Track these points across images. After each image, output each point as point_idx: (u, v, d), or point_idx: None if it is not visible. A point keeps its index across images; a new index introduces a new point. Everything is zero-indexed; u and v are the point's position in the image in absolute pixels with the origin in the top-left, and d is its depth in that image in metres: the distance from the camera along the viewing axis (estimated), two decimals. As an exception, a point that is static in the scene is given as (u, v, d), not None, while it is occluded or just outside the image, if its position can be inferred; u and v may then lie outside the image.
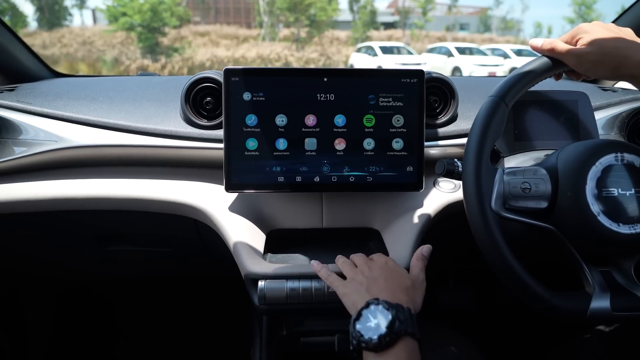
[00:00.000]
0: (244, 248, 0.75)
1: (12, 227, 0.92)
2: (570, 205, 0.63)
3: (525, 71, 0.68)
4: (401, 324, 0.51)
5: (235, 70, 0.77)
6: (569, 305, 0.62)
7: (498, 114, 0.66)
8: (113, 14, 17.98)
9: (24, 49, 1.11)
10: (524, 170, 0.66)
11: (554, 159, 0.68)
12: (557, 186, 0.65)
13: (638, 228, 0.61)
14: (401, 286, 0.60)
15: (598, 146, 0.65)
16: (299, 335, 0.91)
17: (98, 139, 0.84)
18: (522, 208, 0.65)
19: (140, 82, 1.02)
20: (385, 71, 0.79)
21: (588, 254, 0.65)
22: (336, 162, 0.80)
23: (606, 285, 0.64)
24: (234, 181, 0.79)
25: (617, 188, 0.63)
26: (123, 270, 1.12)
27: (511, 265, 0.62)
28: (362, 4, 23.46)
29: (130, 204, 0.84)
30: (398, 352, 0.50)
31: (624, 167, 0.64)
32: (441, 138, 0.88)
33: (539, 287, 0.63)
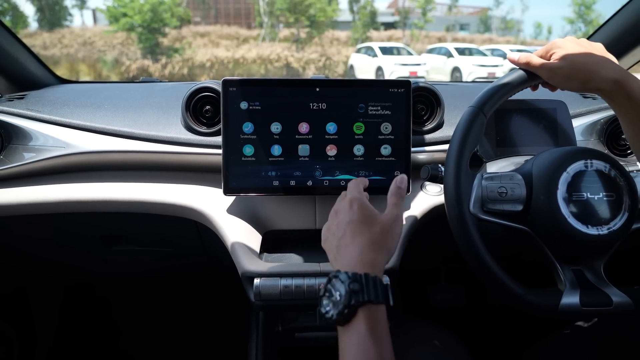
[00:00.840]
0: (241, 248, 0.80)
1: (22, 228, 0.97)
2: (543, 208, 0.68)
3: (502, 83, 0.73)
4: (356, 295, 0.50)
5: (232, 80, 0.82)
6: (541, 300, 0.67)
7: (476, 124, 0.71)
8: (113, 14, 18.03)
9: (30, 56, 1.15)
10: (501, 176, 0.71)
11: (529, 166, 0.72)
12: (532, 191, 0.70)
13: (605, 230, 0.66)
14: (368, 240, 0.58)
15: (569, 154, 0.70)
16: (293, 330, 0.96)
17: (104, 145, 0.89)
18: (499, 211, 0.70)
19: (142, 89, 1.07)
20: (373, 81, 0.84)
21: (561, 253, 0.70)
22: (328, 167, 0.85)
23: (577, 283, 0.69)
24: (231, 185, 0.84)
25: (586, 192, 0.68)
26: (126, 269, 1.17)
27: (488, 264, 0.67)
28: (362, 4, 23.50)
29: (134, 206, 0.89)
30: (357, 325, 0.49)
31: (593, 173, 0.69)
32: (428, 144, 0.92)
33: (513, 284, 0.68)
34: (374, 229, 0.59)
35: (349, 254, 0.56)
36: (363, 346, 0.48)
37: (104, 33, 19.19)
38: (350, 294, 0.50)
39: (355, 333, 0.49)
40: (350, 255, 0.56)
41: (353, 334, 0.49)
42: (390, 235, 0.60)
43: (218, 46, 19.39)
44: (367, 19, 22.56)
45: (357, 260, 0.55)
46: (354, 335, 0.49)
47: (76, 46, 19.28)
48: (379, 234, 0.59)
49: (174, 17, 18.57)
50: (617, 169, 0.69)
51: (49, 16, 21.25)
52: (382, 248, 0.58)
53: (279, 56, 17.21)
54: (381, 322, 0.51)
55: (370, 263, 0.55)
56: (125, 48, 18.55)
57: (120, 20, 17.77)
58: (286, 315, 0.96)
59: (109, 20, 18.64)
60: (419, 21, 23.73)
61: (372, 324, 0.50)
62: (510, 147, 0.89)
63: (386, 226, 0.60)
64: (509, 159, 0.86)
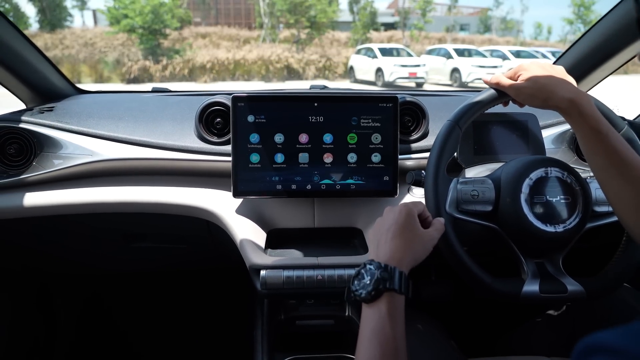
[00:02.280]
0: (248, 244, 0.91)
1: (51, 228, 1.08)
2: (509, 208, 0.79)
3: (475, 101, 0.84)
4: (384, 282, 0.61)
5: (241, 97, 0.93)
6: (506, 288, 0.78)
7: (452, 136, 0.82)
8: (114, 15, 18.14)
9: (52, 67, 1.26)
10: (474, 181, 0.82)
11: (499, 172, 0.84)
12: (500, 194, 0.81)
13: (561, 228, 0.78)
14: (402, 243, 0.67)
15: (532, 162, 0.81)
16: (294, 319, 1.07)
17: (126, 153, 1.01)
18: (472, 211, 0.81)
19: (157, 101, 1.18)
20: (365, 97, 0.96)
21: (524, 248, 0.81)
22: (325, 172, 0.96)
23: (538, 273, 0.80)
24: (240, 189, 0.95)
25: (546, 196, 0.79)
26: (143, 264, 1.28)
27: (461, 256, 0.79)
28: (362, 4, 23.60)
29: (153, 207, 1.01)
30: (380, 305, 0.60)
31: (553, 179, 0.80)
32: (414, 151, 1.04)
33: (482, 274, 0.79)
34: (410, 236, 0.68)
35: (385, 249, 0.67)
36: (381, 324, 0.59)
37: (105, 34, 19.28)
38: (380, 280, 0.61)
39: (377, 311, 0.60)
40: (385, 251, 0.67)
41: (375, 311, 0.61)
42: (423, 247, 0.69)
43: (219, 47, 19.48)
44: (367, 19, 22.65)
45: (389, 256, 0.65)
46: (375, 313, 0.60)
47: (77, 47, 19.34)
48: (412, 242, 0.68)
49: (175, 18, 18.69)
50: (574, 175, 0.80)
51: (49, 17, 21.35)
52: (411, 253, 0.67)
53: (279, 57, 17.29)
54: (399, 309, 0.61)
55: (398, 261, 0.65)
56: (126, 49, 18.64)
57: (121, 22, 17.88)
58: (288, 305, 1.07)
59: (110, 22, 18.75)
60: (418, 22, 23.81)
61: (392, 308, 0.60)
62: (486, 155, 1.00)
63: (422, 239, 0.69)
64: (485, 165, 0.97)
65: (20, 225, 1.03)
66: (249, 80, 16.79)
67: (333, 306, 1.07)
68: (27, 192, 0.99)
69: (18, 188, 1.00)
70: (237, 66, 17.00)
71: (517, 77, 0.82)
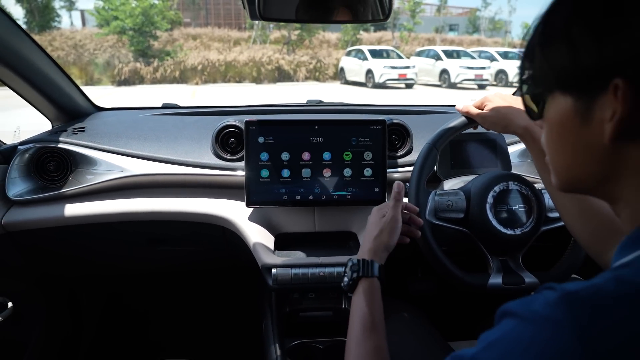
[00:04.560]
0: (259, 246, 1.08)
1: (86, 234, 1.23)
2: (477, 216, 0.96)
3: (449, 127, 1.01)
4: (357, 272, 0.78)
5: (253, 121, 1.09)
6: (475, 280, 0.96)
7: (431, 156, 1.00)
8: (104, 17, 18.13)
9: (75, 87, 1.39)
10: (449, 193, 1.00)
11: (469, 185, 1.01)
12: (470, 203, 0.98)
13: (518, 231, 0.95)
14: (371, 239, 0.83)
15: (496, 177, 0.98)
16: (299, 311, 1.23)
17: (151, 169, 1.16)
18: (447, 217, 0.98)
19: (175, 121, 1.34)
20: (358, 121, 1.12)
21: (490, 248, 0.99)
22: (324, 185, 1.13)
23: (501, 268, 0.97)
24: (252, 199, 1.11)
25: (506, 205, 0.96)
26: (164, 264, 1.43)
27: (438, 255, 0.96)
28: (352, 6, 23.73)
29: (175, 216, 1.16)
30: (359, 290, 0.77)
31: (513, 191, 0.97)
32: (401, 165, 1.21)
33: (455, 269, 0.96)
34: (377, 230, 0.84)
35: (362, 248, 0.85)
36: (359, 304, 0.76)
37: (95, 36, 19.20)
38: (355, 272, 0.79)
39: (357, 296, 0.78)
40: (362, 248, 0.85)
41: (356, 297, 0.78)
42: (389, 234, 0.84)
43: (209, 49, 19.51)
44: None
45: (365, 251, 0.83)
46: (356, 298, 0.78)
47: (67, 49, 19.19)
48: (380, 234, 0.83)
49: (165, 19, 18.73)
50: (530, 188, 0.98)
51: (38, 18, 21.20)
52: (382, 244, 0.83)
53: (270, 59, 17.40)
54: (374, 291, 0.77)
55: (372, 252, 0.82)
56: (117, 51, 18.58)
57: (111, 23, 17.87)
58: (292, 299, 1.23)
59: (100, 23, 18.72)
60: (408, 23, 24.04)
61: (367, 291, 0.77)
62: (462, 169, 1.17)
63: (385, 227, 0.84)
64: (461, 177, 1.15)
65: (58, 234, 1.18)
66: (241, 82, 16.87)
67: (331, 299, 1.23)
68: (66, 204, 1.15)
69: (58, 200, 1.15)
70: (229, 68, 17.08)
71: (483, 106, 0.99)
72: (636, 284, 0.39)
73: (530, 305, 0.42)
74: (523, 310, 0.42)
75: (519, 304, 0.43)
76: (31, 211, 1.14)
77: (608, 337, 0.37)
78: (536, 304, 0.41)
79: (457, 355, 0.46)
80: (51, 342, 1.45)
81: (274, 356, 1.04)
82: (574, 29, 0.43)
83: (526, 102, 0.56)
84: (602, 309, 0.38)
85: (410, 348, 0.99)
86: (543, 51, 0.47)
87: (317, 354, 1.08)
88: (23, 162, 1.18)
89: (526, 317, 0.41)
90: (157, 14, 18.14)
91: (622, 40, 0.40)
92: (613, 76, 0.41)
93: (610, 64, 0.41)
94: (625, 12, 0.40)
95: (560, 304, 0.39)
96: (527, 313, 0.41)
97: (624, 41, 0.40)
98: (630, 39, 0.40)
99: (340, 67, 16.54)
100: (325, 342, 1.09)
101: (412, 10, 23.84)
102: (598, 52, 0.42)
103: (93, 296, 1.64)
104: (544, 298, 0.41)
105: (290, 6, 0.95)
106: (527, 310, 0.41)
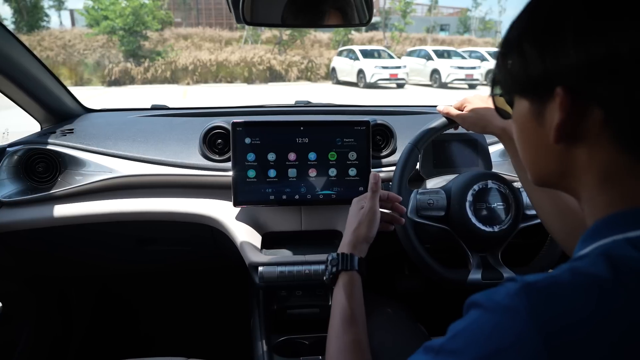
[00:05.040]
0: (247, 245, 1.10)
1: (75, 235, 1.24)
2: (457, 213, 0.99)
3: (430, 127, 1.04)
4: (336, 266, 0.79)
5: (239, 122, 1.11)
6: (455, 276, 0.99)
7: (412, 156, 1.03)
8: (94, 17, 17.99)
9: (63, 89, 1.40)
10: (430, 192, 1.03)
11: (450, 184, 1.04)
12: (450, 202, 1.01)
13: (496, 228, 0.98)
14: (351, 232, 0.83)
15: (475, 176, 1.02)
16: (286, 309, 1.25)
17: (140, 170, 1.18)
18: (428, 215, 1.01)
19: (164, 123, 1.36)
20: (342, 122, 1.15)
21: (470, 244, 1.02)
22: (310, 185, 1.15)
23: (481, 264, 1.01)
24: (239, 199, 1.13)
25: (485, 203, 1.00)
26: (154, 264, 1.45)
27: (420, 252, 0.99)
28: (343, 6, 23.75)
29: (164, 215, 1.18)
30: (339, 284, 0.78)
31: (492, 190, 1.01)
32: (385, 165, 1.23)
33: (436, 266, 0.99)
34: (356, 222, 0.84)
35: (342, 243, 0.86)
36: (339, 297, 0.78)
37: (85, 36, 19.04)
38: (334, 266, 0.81)
39: (337, 289, 0.80)
40: (342, 242, 0.86)
41: (336, 290, 0.80)
42: (368, 225, 0.83)
43: (200, 49, 19.45)
44: (349, 21, 22.79)
45: (345, 244, 0.84)
46: (336, 291, 0.80)
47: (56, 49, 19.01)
48: (359, 226, 0.84)
49: (156, 19, 18.63)
50: (508, 186, 1.01)
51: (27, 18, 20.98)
52: (361, 237, 0.83)
53: (261, 59, 17.38)
54: (354, 284, 0.79)
55: (352, 246, 0.83)
56: (107, 51, 18.46)
57: (101, 23, 17.74)
58: (280, 296, 1.25)
59: (90, 23, 18.57)
60: (398, 23, 24.14)
61: (347, 284, 0.79)
62: (444, 168, 1.21)
63: (364, 219, 0.83)
64: (443, 177, 1.18)
65: (48, 235, 1.20)
66: (232, 82, 16.84)
67: (318, 297, 1.25)
68: (55, 205, 1.16)
69: (47, 201, 1.16)
70: (220, 68, 17.03)
71: (463, 107, 1.02)
72: (589, 274, 0.42)
73: (493, 296, 0.45)
74: (486, 301, 0.45)
75: (484, 295, 0.46)
76: (21, 212, 1.16)
77: (562, 323, 0.39)
78: (498, 295, 0.44)
79: (428, 345, 0.48)
80: (41, 342, 1.46)
81: (260, 352, 1.06)
82: (524, 43, 0.48)
83: (496, 102, 0.60)
84: (557, 297, 0.41)
85: (393, 342, 1.02)
86: (503, 59, 0.52)
87: (302, 350, 1.10)
88: (12, 164, 1.19)
89: (489, 307, 0.44)
90: (147, 13, 18.04)
91: (561, 56, 0.44)
92: (555, 85, 0.45)
93: (552, 74, 0.46)
94: (566, 30, 0.44)
95: (519, 294, 0.42)
96: (490, 303, 0.44)
97: (563, 56, 0.44)
98: (567, 55, 0.44)
99: (331, 67, 16.57)
100: (310, 337, 1.12)
101: (403, 11, 23.93)
102: (542, 64, 0.46)
103: (83, 296, 1.65)
104: (506, 289, 0.44)
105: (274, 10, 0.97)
106: (490, 300, 0.44)
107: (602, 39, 0.42)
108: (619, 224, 0.46)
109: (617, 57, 0.42)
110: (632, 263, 0.41)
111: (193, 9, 29.82)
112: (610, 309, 0.39)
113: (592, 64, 0.43)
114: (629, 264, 0.41)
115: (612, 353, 0.38)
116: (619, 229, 0.46)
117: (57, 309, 1.56)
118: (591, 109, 0.44)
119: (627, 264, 0.41)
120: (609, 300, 0.40)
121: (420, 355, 0.48)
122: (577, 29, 0.44)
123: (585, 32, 0.43)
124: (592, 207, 0.50)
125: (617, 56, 0.42)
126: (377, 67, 14.14)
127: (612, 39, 0.42)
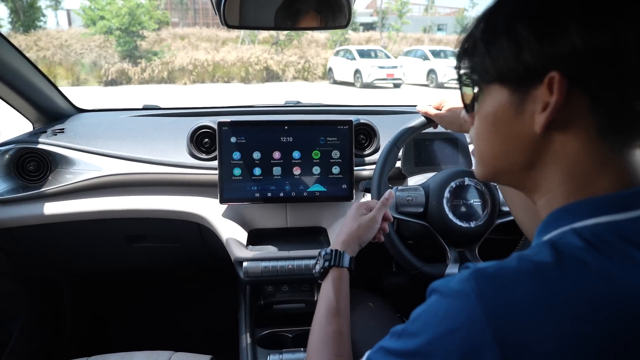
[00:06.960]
0: (232, 241, 1.13)
1: (64, 232, 1.27)
2: (435, 210, 1.03)
3: (409, 127, 1.07)
4: (328, 262, 0.81)
5: (225, 122, 1.14)
6: (433, 270, 1.02)
7: (392, 154, 1.06)
8: (91, 17, 17.98)
9: (55, 89, 1.43)
10: (409, 189, 1.06)
11: (429, 182, 1.07)
12: (428, 198, 1.04)
13: (472, 224, 1.02)
14: (348, 230, 0.86)
15: (453, 174, 1.05)
16: (272, 304, 1.29)
17: (129, 169, 1.21)
18: (408, 212, 1.05)
19: (153, 122, 1.38)
20: (326, 121, 1.18)
21: (448, 240, 1.05)
22: (295, 182, 1.18)
23: (458, 259, 1.04)
24: (225, 197, 1.16)
25: (462, 199, 1.03)
26: (143, 262, 1.48)
27: (399, 247, 1.02)
28: (340, 6, 23.76)
29: (152, 213, 1.21)
30: (328, 278, 0.80)
31: (469, 187, 1.04)
32: (368, 163, 1.27)
33: (415, 260, 1.02)
34: (355, 225, 0.87)
35: (337, 239, 0.88)
36: (327, 291, 0.81)
37: (82, 36, 19.02)
38: (327, 261, 0.83)
39: (326, 283, 0.82)
40: (336, 240, 0.88)
41: (325, 284, 0.82)
42: (365, 230, 0.86)
43: (197, 49, 19.44)
44: (345, 20, 22.80)
45: (339, 242, 0.87)
46: (325, 285, 0.82)
47: (52, 49, 18.96)
48: (357, 229, 0.86)
49: (152, 19, 18.62)
50: (485, 184, 1.04)
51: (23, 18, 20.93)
52: (356, 237, 0.85)
53: (258, 59, 17.39)
54: (342, 279, 0.81)
55: (345, 244, 0.86)
56: (104, 51, 18.44)
57: (97, 23, 17.73)
58: (266, 291, 1.29)
59: (86, 23, 18.56)
60: (395, 23, 24.17)
61: (336, 279, 0.82)
62: (425, 166, 1.24)
63: (363, 224, 0.87)
64: (424, 174, 1.21)
65: (39, 232, 1.22)
66: (229, 82, 16.85)
67: (304, 292, 1.28)
68: (45, 203, 1.19)
69: (38, 199, 1.19)
70: (217, 68, 17.03)
71: (441, 107, 1.06)
72: (534, 261, 0.45)
73: (449, 282, 0.48)
74: (443, 287, 0.48)
75: (442, 282, 0.49)
76: (12, 209, 1.18)
77: (506, 305, 0.43)
78: (453, 281, 0.47)
79: (393, 330, 0.52)
80: (32, 340, 1.49)
81: (244, 344, 1.09)
82: (517, 28, 0.47)
83: (463, 96, 0.60)
84: (503, 282, 0.44)
85: (374, 334, 1.05)
86: (486, 46, 0.50)
87: (286, 342, 1.13)
88: (3, 163, 1.21)
89: (444, 292, 0.47)
90: (144, 13, 18.03)
91: (562, 41, 0.44)
92: (549, 70, 0.45)
93: (549, 60, 0.45)
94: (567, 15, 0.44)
95: (470, 279, 0.45)
96: (445, 289, 0.48)
97: (563, 41, 0.44)
98: (568, 40, 0.44)
99: (328, 67, 16.59)
100: (294, 331, 1.15)
101: (400, 11, 23.98)
102: (540, 50, 0.45)
103: (74, 293, 1.68)
104: (460, 276, 0.47)
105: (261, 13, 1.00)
106: (445, 286, 0.48)
107: (606, 26, 0.43)
108: (569, 214, 0.49)
109: (620, 44, 0.42)
110: (575, 251, 0.45)
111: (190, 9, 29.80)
112: (552, 293, 0.43)
113: (593, 49, 0.43)
114: (572, 252, 0.45)
115: (552, 333, 0.41)
116: (568, 220, 0.49)
117: (49, 307, 1.58)
118: (578, 95, 0.45)
119: (570, 251, 0.45)
120: (550, 285, 0.43)
121: (387, 340, 0.52)
122: (580, 15, 0.43)
123: (589, 18, 0.43)
124: (550, 198, 0.52)
125: (619, 43, 0.42)
126: (374, 67, 14.15)
127: (616, 26, 0.43)
